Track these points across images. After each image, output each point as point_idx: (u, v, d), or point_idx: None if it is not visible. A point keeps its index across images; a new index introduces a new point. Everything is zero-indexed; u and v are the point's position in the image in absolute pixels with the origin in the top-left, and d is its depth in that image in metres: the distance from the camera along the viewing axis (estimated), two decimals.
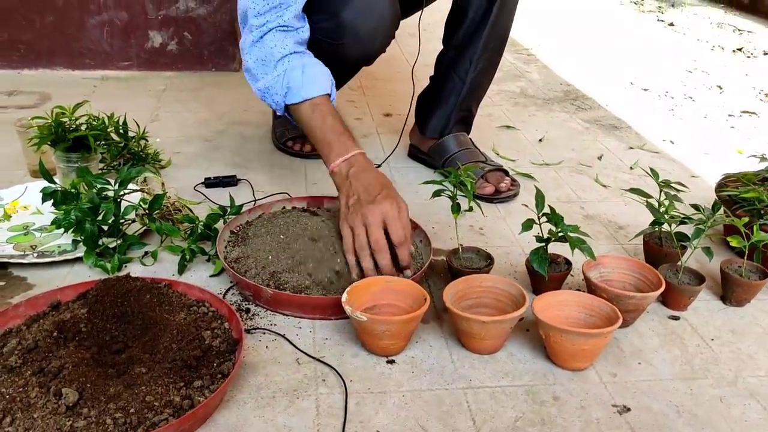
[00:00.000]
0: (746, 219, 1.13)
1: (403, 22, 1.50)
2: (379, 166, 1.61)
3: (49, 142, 1.26)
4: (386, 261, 1.07)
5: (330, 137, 1.17)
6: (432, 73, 1.62)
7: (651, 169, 1.24)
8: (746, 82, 2.57)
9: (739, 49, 3.06)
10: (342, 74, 1.61)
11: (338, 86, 1.68)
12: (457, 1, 1.52)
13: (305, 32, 1.25)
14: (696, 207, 1.17)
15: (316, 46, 1.37)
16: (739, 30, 3.45)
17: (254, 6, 1.20)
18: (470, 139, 1.62)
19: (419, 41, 1.55)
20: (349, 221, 1.09)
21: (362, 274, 1.08)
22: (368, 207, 1.08)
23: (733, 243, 1.11)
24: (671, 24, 3.53)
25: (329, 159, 1.17)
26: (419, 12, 1.54)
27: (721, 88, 2.46)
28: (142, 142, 1.52)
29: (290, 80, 1.21)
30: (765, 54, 3.02)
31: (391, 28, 1.39)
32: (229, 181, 1.49)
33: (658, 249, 1.21)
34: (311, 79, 1.21)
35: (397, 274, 1.09)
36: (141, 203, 1.17)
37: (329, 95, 1.24)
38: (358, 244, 1.08)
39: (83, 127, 1.29)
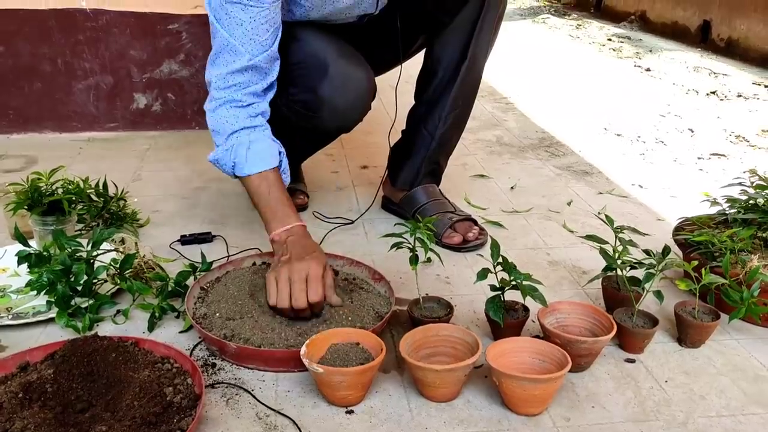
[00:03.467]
0: (696, 262, 1.17)
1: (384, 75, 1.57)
2: (353, 221, 1.66)
3: (25, 207, 1.31)
4: (302, 313, 1.14)
5: (274, 207, 1.26)
6: (404, 128, 1.68)
7: (606, 216, 1.28)
8: (718, 124, 2.64)
9: (713, 92, 3.14)
10: (320, 142, 1.69)
11: (315, 151, 1.75)
12: (427, 59, 1.59)
13: (261, 106, 1.32)
14: (647, 252, 1.21)
15: (294, 114, 1.44)
16: (714, 73, 3.54)
17: (216, 81, 1.29)
18: (439, 190, 1.67)
19: (396, 106, 1.62)
20: (275, 273, 1.16)
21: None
22: (295, 264, 1.15)
23: (682, 287, 1.15)
24: (648, 69, 3.63)
25: (270, 227, 1.26)
26: (399, 69, 1.61)
27: (692, 131, 2.53)
28: (121, 203, 1.57)
29: (236, 156, 1.29)
30: (738, 96, 3.10)
31: (368, 100, 1.45)
32: (204, 238, 1.53)
33: (616, 293, 1.25)
34: (256, 155, 1.28)
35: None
36: (112, 263, 1.22)
37: (277, 167, 1.31)
38: (280, 297, 1.14)
39: (59, 191, 1.35)
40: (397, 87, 1.59)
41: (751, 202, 1.35)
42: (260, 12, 1.25)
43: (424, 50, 1.61)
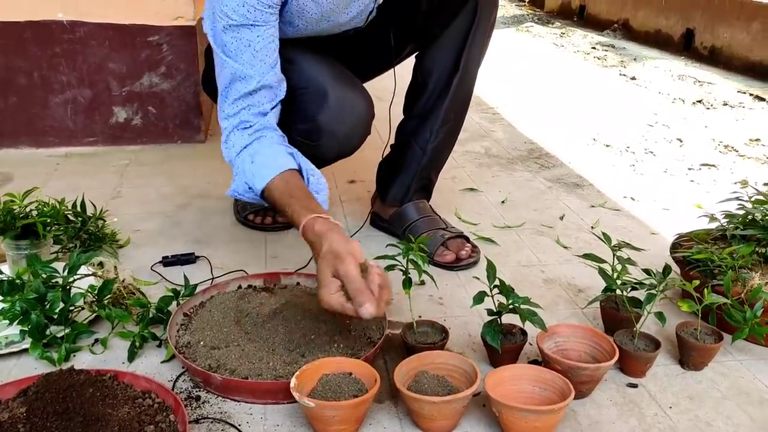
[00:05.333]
0: (697, 282, 1.13)
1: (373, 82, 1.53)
2: None
3: None
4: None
5: (291, 212, 1.16)
6: (393, 142, 1.64)
7: (603, 234, 1.24)
8: (706, 134, 2.62)
9: (699, 101, 3.13)
10: (319, 166, 1.63)
11: None
12: (417, 71, 1.55)
13: (267, 121, 1.27)
14: (647, 272, 1.18)
15: (295, 144, 1.39)
16: (699, 81, 3.54)
17: (226, 110, 1.25)
18: (430, 205, 1.63)
19: (390, 123, 1.58)
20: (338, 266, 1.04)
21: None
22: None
23: (684, 308, 1.11)
24: (633, 78, 3.63)
25: (297, 223, 1.14)
26: (392, 87, 1.57)
27: (681, 141, 2.51)
28: (100, 223, 1.51)
29: (246, 176, 1.23)
30: (724, 105, 3.09)
31: (368, 126, 1.42)
32: (187, 259, 1.47)
33: (615, 314, 1.21)
34: (261, 166, 1.22)
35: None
36: (90, 289, 1.16)
37: (290, 171, 1.22)
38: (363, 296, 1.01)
39: (34, 213, 1.28)
40: (391, 106, 1.55)
41: (749, 217, 1.32)
42: (266, 30, 1.21)
43: (413, 61, 1.57)
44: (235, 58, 1.22)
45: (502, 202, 1.89)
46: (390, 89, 1.58)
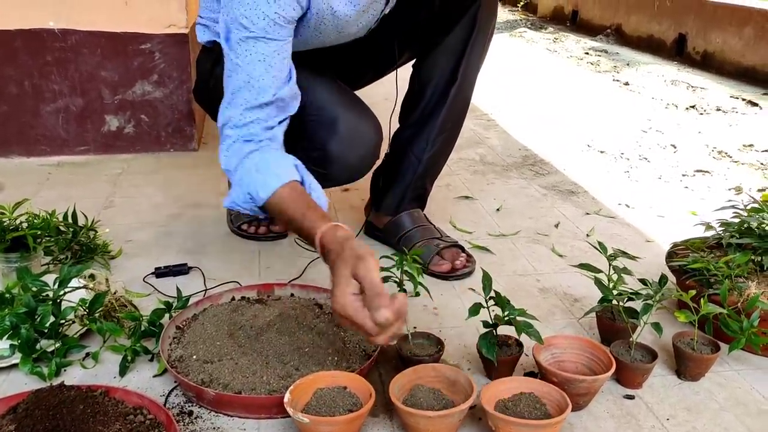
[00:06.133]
0: (693, 292, 1.12)
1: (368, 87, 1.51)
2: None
3: None
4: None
5: (298, 224, 1.12)
6: (388, 150, 1.63)
7: (599, 243, 1.23)
8: (699, 139, 2.63)
9: (692, 107, 3.14)
10: (324, 187, 1.61)
11: None
12: (414, 80, 1.54)
13: (274, 132, 1.22)
14: (644, 281, 1.17)
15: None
16: (692, 87, 3.55)
17: (233, 120, 1.19)
18: (425, 214, 1.62)
19: (389, 132, 1.57)
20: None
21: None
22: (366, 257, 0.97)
23: (681, 318, 1.10)
24: (626, 83, 3.63)
25: (313, 233, 1.08)
26: (394, 99, 1.56)
27: (675, 147, 2.51)
28: (91, 233, 1.50)
29: (248, 186, 1.17)
30: (717, 110, 3.10)
31: (376, 152, 1.40)
32: (180, 270, 1.46)
33: (611, 324, 1.20)
34: (266, 174, 1.16)
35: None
36: (80, 303, 1.14)
37: (295, 182, 1.18)
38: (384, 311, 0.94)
39: (24, 226, 1.27)
40: (391, 118, 1.54)
41: (745, 225, 1.32)
42: (282, 45, 1.18)
43: (410, 69, 1.56)
44: (249, 67, 1.17)
45: (497, 209, 1.89)
46: (384, 94, 1.57)
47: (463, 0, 1.41)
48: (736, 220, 1.35)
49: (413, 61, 1.55)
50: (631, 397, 1.09)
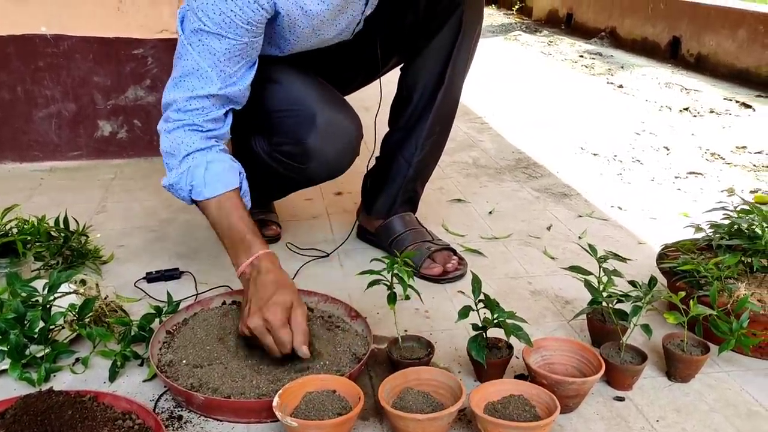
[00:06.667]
0: (683, 294, 1.13)
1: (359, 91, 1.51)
2: (328, 255, 1.60)
3: None
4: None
5: (235, 237, 1.19)
6: (378, 155, 1.63)
7: (590, 246, 1.24)
8: (693, 141, 2.63)
9: (686, 109, 3.15)
10: (302, 187, 1.62)
11: (293, 192, 1.67)
12: (402, 84, 1.54)
13: (221, 130, 1.26)
14: (633, 283, 1.17)
15: (279, 164, 1.38)
16: (686, 89, 3.56)
17: (177, 104, 1.23)
18: (416, 218, 1.62)
19: (375, 135, 1.57)
20: (250, 321, 1.08)
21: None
22: (267, 309, 1.08)
23: (670, 320, 1.11)
24: (620, 86, 3.64)
25: (235, 262, 1.19)
26: (378, 98, 1.56)
27: (668, 149, 2.52)
28: (83, 239, 1.49)
29: (193, 178, 1.22)
30: (711, 112, 3.11)
31: (357, 147, 1.40)
32: (172, 275, 1.46)
33: (602, 326, 1.20)
34: (215, 176, 1.21)
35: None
36: (70, 308, 1.14)
37: (238, 189, 1.24)
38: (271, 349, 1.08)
39: (14, 231, 1.27)
40: (377, 117, 1.54)
41: (735, 227, 1.32)
42: (236, 45, 1.19)
43: (398, 73, 1.57)
44: (200, 56, 1.19)
45: (490, 212, 1.89)
46: (375, 98, 1.57)
47: (448, 3, 1.41)
48: (726, 222, 1.35)
49: (401, 66, 1.55)
50: (621, 399, 1.09)
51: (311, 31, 1.29)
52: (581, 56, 4.56)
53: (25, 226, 1.28)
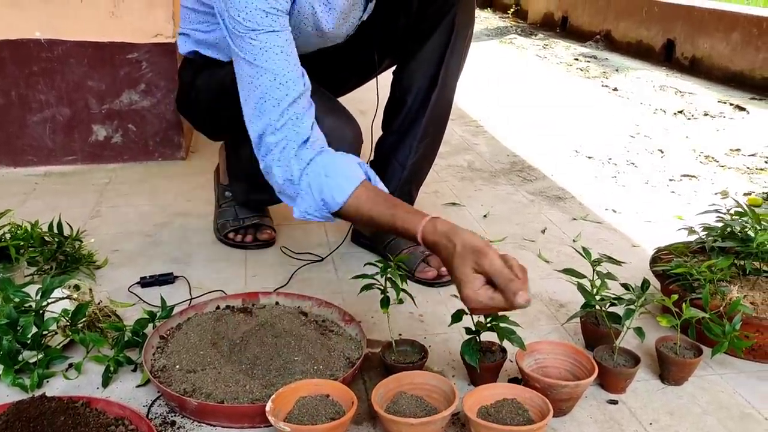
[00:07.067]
0: (675, 297, 1.13)
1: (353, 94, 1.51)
2: (323, 259, 1.60)
3: None
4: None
5: (396, 217, 1.10)
6: (372, 158, 1.63)
7: (583, 248, 1.24)
8: (687, 144, 2.64)
9: (680, 111, 3.15)
10: None
11: None
12: (395, 87, 1.55)
13: (315, 125, 1.19)
14: (626, 286, 1.17)
15: None
16: (680, 92, 3.57)
17: (270, 126, 1.15)
18: None
19: (371, 139, 1.56)
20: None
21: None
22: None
23: (663, 323, 1.11)
24: (615, 89, 3.65)
25: (411, 232, 1.09)
26: (375, 105, 1.56)
27: (662, 152, 2.53)
28: (76, 243, 1.49)
29: (320, 191, 1.14)
30: (705, 115, 3.12)
31: (357, 153, 1.37)
32: (166, 280, 1.46)
33: (595, 329, 1.21)
34: (338, 177, 1.13)
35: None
36: (62, 314, 1.14)
37: (365, 180, 1.15)
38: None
39: (7, 236, 1.26)
40: (373, 123, 1.55)
41: (728, 229, 1.33)
42: (289, 33, 1.15)
43: (391, 76, 1.57)
44: (271, 66, 1.13)
45: (485, 216, 1.89)
46: (369, 101, 1.58)
47: (441, 6, 1.42)
48: (720, 225, 1.35)
49: (394, 68, 1.56)
50: (614, 402, 1.09)
51: (315, 30, 1.29)
52: (576, 59, 4.57)
53: (18, 232, 1.27)
